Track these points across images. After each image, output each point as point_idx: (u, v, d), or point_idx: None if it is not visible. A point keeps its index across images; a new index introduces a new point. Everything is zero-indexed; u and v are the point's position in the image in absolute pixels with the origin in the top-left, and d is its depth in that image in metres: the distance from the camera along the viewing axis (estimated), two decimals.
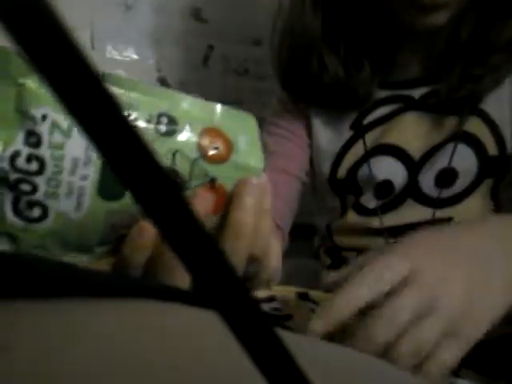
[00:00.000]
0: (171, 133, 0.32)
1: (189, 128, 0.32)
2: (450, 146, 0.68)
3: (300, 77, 0.72)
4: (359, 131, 0.73)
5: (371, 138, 0.73)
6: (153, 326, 0.19)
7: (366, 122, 0.73)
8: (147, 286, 0.22)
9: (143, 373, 0.16)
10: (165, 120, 0.32)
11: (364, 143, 0.72)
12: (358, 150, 0.73)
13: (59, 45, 0.08)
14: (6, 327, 0.17)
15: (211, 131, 0.33)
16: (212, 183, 0.33)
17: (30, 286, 0.19)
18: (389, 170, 0.71)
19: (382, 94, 0.72)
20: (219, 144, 0.33)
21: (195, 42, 1.08)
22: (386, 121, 0.72)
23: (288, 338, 0.11)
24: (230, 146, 0.34)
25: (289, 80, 0.74)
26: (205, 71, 1.08)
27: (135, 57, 1.04)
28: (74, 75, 0.09)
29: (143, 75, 1.04)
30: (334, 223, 0.80)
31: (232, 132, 0.34)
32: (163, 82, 1.06)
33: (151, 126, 0.31)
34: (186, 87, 1.07)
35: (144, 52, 1.04)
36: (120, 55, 1.03)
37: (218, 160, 0.33)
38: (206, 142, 0.33)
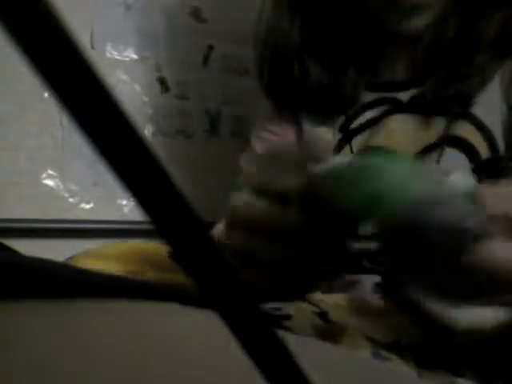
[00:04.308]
0: None
1: None
2: (440, 149, 0.68)
3: (283, 84, 0.72)
4: (347, 134, 0.74)
5: (360, 140, 0.73)
6: (153, 325, 0.19)
7: (354, 125, 0.73)
8: (147, 286, 0.22)
9: (143, 372, 0.16)
10: None
11: (350, 147, 0.72)
12: (347, 153, 0.73)
13: (59, 45, 0.08)
14: (5, 327, 0.17)
15: None
16: None
17: (30, 286, 0.19)
18: None
19: (370, 96, 0.73)
20: None
21: (195, 41, 1.08)
22: (374, 123, 0.72)
23: (288, 338, 0.11)
24: None
25: (273, 89, 0.75)
26: (205, 71, 1.08)
27: (135, 57, 1.04)
28: (74, 75, 0.09)
29: (143, 75, 1.04)
30: None
31: None
32: (163, 82, 1.06)
33: None
34: (185, 87, 1.07)
35: (144, 52, 1.04)
36: (120, 55, 1.03)
37: None
38: None
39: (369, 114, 0.73)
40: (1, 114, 0.90)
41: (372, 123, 0.72)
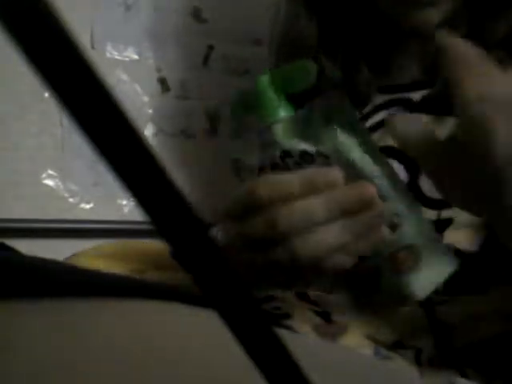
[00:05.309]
0: None
1: None
2: None
3: None
4: None
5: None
6: (153, 325, 0.19)
7: (366, 125, 0.74)
8: (147, 286, 0.22)
9: (143, 372, 0.16)
10: None
11: None
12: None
13: (59, 45, 0.08)
14: (5, 327, 0.17)
15: None
16: None
17: (30, 286, 0.19)
18: None
19: (382, 98, 0.73)
20: None
21: (195, 41, 1.08)
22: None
23: (287, 337, 0.11)
24: None
25: None
26: (205, 71, 1.08)
27: (135, 57, 1.04)
28: (74, 75, 0.09)
29: (143, 75, 1.04)
30: None
31: None
32: (163, 82, 1.06)
33: None
34: (186, 87, 1.07)
35: (144, 52, 1.04)
36: (120, 55, 1.03)
37: None
38: None
39: (381, 116, 0.73)
40: (1, 113, 0.90)
41: (384, 124, 0.73)
